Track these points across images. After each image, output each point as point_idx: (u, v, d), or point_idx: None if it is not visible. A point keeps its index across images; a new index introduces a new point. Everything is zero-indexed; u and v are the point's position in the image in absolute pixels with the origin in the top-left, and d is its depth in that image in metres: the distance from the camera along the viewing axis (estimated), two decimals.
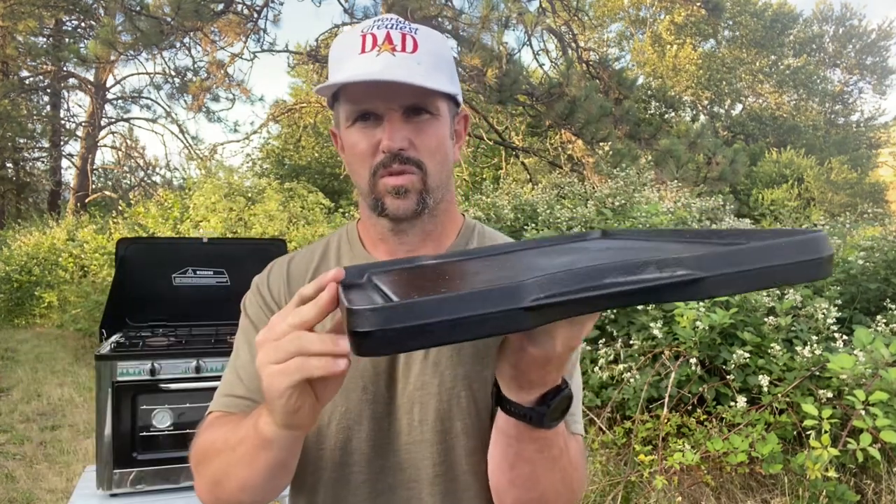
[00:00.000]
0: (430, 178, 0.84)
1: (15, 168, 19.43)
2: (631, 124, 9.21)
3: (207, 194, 8.32)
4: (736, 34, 25.17)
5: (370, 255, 0.93)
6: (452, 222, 0.95)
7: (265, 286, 0.96)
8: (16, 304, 10.20)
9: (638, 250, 0.69)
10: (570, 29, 10.75)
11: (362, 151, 0.83)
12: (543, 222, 5.59)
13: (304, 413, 0.64)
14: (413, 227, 0.88)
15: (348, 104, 0.84)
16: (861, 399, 2.67)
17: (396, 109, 0.81)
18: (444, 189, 0.88)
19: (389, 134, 0.80)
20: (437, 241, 0.92)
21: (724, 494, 3.17)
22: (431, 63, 0.82)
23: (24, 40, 15.16)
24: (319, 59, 9.87)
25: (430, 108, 0.83)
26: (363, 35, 0.81)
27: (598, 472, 3.33)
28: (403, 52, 0.80)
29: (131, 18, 7.42)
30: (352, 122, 0.84)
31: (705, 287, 0.50)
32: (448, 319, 0.49)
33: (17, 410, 5.26)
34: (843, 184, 18.18)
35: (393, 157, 0.81)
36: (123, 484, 1.95)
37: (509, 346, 0.66)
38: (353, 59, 0.81)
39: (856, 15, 28.34)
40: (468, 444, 0.86)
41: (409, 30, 0.82)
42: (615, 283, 0.51)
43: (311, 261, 0.96)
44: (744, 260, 0.51)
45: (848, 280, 4.17)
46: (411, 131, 0.82)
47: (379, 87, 0.77)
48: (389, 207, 0.83)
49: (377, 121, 0.82)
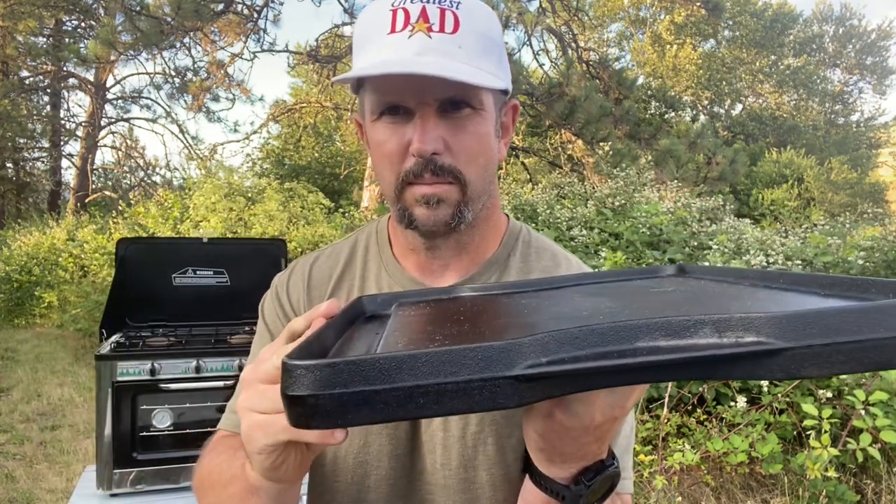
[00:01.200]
0: (470, 188, 0.71)
1: (15, 168, 19.42)
2: (631, 124, 9.21)
3: (207, 194, 8.32)
4: (736, 34, 25.17)
5: (399, 265, 0.82)
6: (494, 230, 0.82)
7: (284, 291, 0.86)
8: (16, 304, 10.19)
9: (710, 297, 0.53)
10: (570, 29, 10.75)
11: (390, 153, 0.70)
12: (543, 222, 5.59)
13: (287, 470, 0.54)
14: (447, 241, 0.77)
15: (375, 94, 0.71)
16: (861, 399, 2.67)
17: (431, 104, 0.68)
18: (486, 195, 0.76)
19: (421, 135, 0.67)
20: (476, 253, 0.80)
21: (724, 494, 3.17)
22: (476, 47, 0.67)
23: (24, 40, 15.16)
24: (319, 59, 9.86)
25: (472, 101, 0.69)
26: (394, 9, 0.67)
27: None
28: (442, 32, 0.66)
29: (131, 18, 7.42)
30: (378, 115, 0.71)
31: (783, 363, 0.36)
32: (404, 388, 0.36)
33: (17, 410, 5.25)
34: (843, 184, 18.17)
35: (425, 163, 0.69)
36: (123, 484, 1.95)
37: (534, 409, 0.53)
38: (380, 39, 0.67)
39: (856, 15, 28.36)
40: (495, 496, 0.75)
41: (450, 4, 0.67)
42: (648, 350, 0.37)
43: (335, 265, 0.85)
44: (849, 326, 0.35)
45: None
46: (447, 130, 0.69)
47: (409, 79, 0.65)
48: (419, 219, 0.72)
49: (407, 115, 0.69)
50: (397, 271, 0.82)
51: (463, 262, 0.80)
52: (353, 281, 0.84)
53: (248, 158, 17.03)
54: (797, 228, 6.02)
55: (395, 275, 0.82)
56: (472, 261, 0.80)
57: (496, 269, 0.81)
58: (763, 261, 4.09)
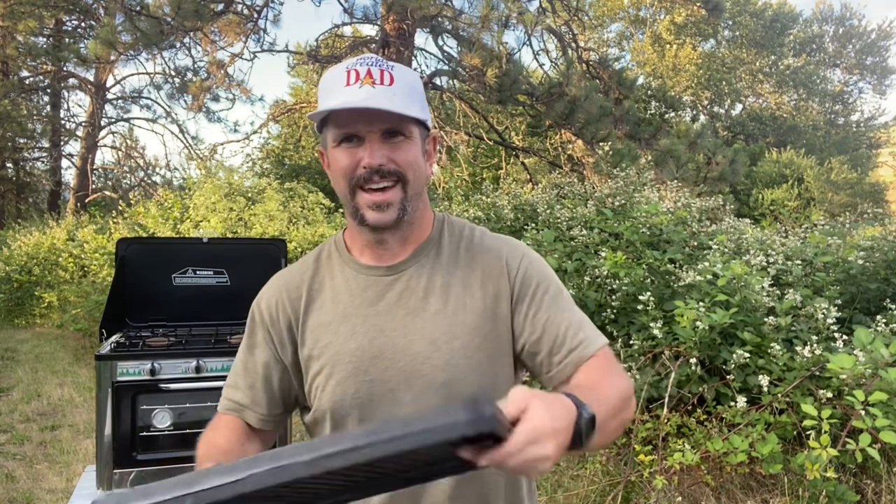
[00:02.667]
0: (410, 186, 0.97)
1: (15, 168, 19.42)
2: (631, 124, 9.21)
3: (207, 194, 8.32)
4: (736, 34, 25.17)
5: (357, 259, 1.06)
6: (427, 223, 1.08)
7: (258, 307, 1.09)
8: (16, 304, 10.19)
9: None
10: (570, 29, 10.75)
11: (345, 167, 0.96)
12: (543, 222, 5.58)
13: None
14: (393, 236, 1.02)
15: (335, 128, 0.97)
16: (860, 399, 2.67)
17: (376, 132, 0.95)
18: (420, 196, 1.02)
19: (370, 153, 0.94)
20: (415, 242, 1.06)
21: (724, 494, 3.17)
22: (405, 94, 0.95)
23: (24, 40, 15.16)
24: (319, 59, 9.86)
25: (404, 131, 0.96)
26: (348, 71, 0.95)
27: (598, 472, 3.33)
28: (382, 84, 0.94)
29: (131, 18, 7.42)
30: (337, 142, 0.97)
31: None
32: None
33: (17, 410, 5.25)
34: (843, 184, 18.17)
35: (373, 171, 0.94)
36: (123, 484, 1.95)
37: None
38: (339, 90, 0.94)
39: (856, 15, 28.32)
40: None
41: (387, 67, 0.96)
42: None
43: (306, 271, 1.08)
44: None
45: (848, 280, 4.16)
46: (389, 150, 0.95)
47: (361, 113, 0.92)
48: (370, 220, 0.97)
49: (359, 142, 0.95)
50: (355, 264, 1.06)
51: (406, 248, 1.05)
52: (322, 278, 1.07)
53: (248, 158, 17.06)
54: (797, 228, 6.01)
55: (354, 266, 1.06)
56: (413, 247, 1.05)
57: (433, 245, 1.07)
58: (763, 261, 4.09)
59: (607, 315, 4.13)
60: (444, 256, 1.05)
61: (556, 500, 3.21)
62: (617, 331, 4.08)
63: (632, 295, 4.03)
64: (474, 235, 1.10)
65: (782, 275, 4.21)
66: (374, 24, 9.58)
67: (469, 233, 1.10)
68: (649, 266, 4.26)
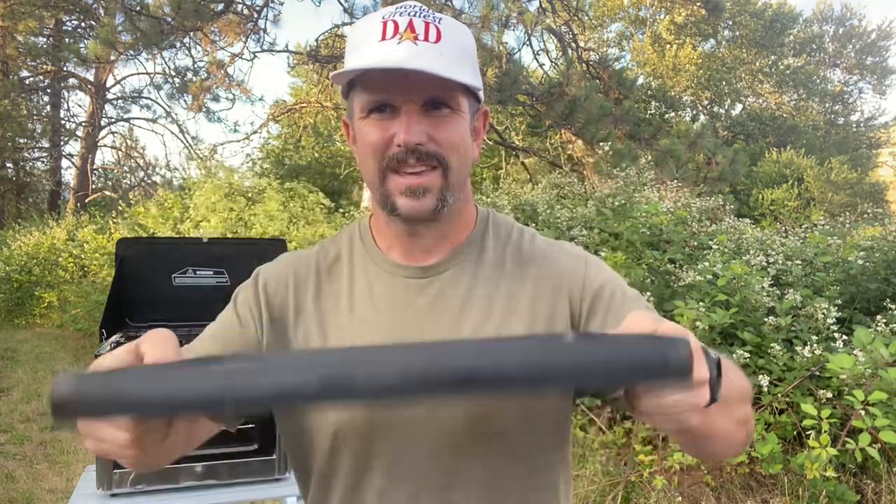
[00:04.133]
0: (452, 173, 0.79)
1: (15, 168, 19.43)
2: (631, 124, 9.21)
3: (207, 194, 8.32)
4: (736, 34, 25.17)
5: (386, 256, 0.88)
6: (468, 218, 0.90)
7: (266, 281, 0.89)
8: (16, 304, 10.19)
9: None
10: (570, 29, 10.75)
11: (375, 143, 0.78)
12: (543, 222, 5.59)
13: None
14: (428, 230, 0.84)
15: (364, 93, 0.79)
16: (860, 399, 2.67)
17: (415, 102, 0.77)
18: (464, 186, 0.85)
19: (407, 127, 0.76)
20: (454, 238, 0.88)
21: (724, 494, 3.17)
22: (455, 55, 0.77)
23: (24, 40, 15.16)
24: (319, 59, 9.86)
25: (451, 102, 0.78)
26: (384, 21, 0.76)
27: (598, 472, 3.33)
28: (426, 41, 0.75)
29: (131, 18, 7.43)
30: (366, 112, 0.79)
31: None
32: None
33: (17, 410, 5.25)
34: (843, 184, 18.16)
35: (409, 151, 0.76)
36: (123, 484, 1.94)
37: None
38: (372, 45, 0.76)
39: (856, 15, 28.31)
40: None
41: (433, 18, 0.77)
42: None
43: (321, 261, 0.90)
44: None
45: (848, 280, 4.16)
46: (430, 125, 0.77)
47: (399, 76, 0.73)
48: (402, 208, 0.79)
49: (394, 113, 0.77)
50: (381, 258, 0.88)
51: (442, 246, 0.87)
52: (340, 270, 0.89)
53: (248, 158, 17.05)
54: (797, 228, 6.01)
55: (379, 262, 0.88)
56: (450, 247, 0.87)
57: (475, 246, 0.89)
58: (763, 261, 4.09)
59: None
60: (488, 262, 0.87)
61: None
62: None
63: None
64: (523, 239, 0.91)
65: (782, 275, 4.21)
66: None
67: (518, 236, 0.91)
68: (649, 266, 4.26)
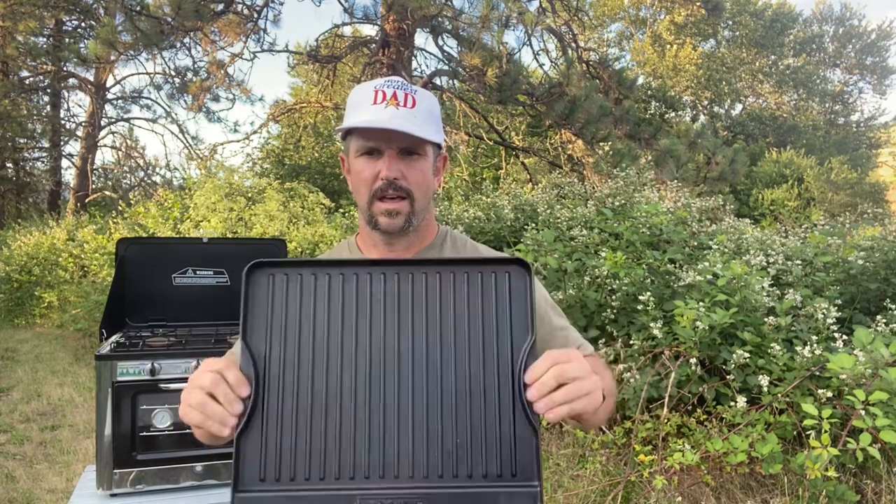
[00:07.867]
0: (416, 203, 1.12)
1: (15, 168, 19.41)
2: (631, 124, 9.20)
3: (207, 194, 8.31)
4: (736, 34, 25.17)
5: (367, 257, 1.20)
6: (431, 233, 1.25)
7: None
8: (16, 304, 10.19)
9: None
10: (570, 29, 10.74)
11: (366, 178, 1.11)
12: (543, 222, 5.58)
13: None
14: (400, 240, 1.17)
15: (360, 140, 1.11)
16: (861, 399, 2.67)
17: (394, 149, 1.09)
18: (426, 211, 1.18)
19: (388, 166, 1.08)
20: (419, 246, 1.22)
21: (724, 494, 3.17)
22: (424, 117, 1.10)
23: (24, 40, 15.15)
24: (319, 59, 9.86)
25: (419, 150, 1.11)
26: (376, 90, 1.10)
27: (598, 472, 3.33)
28: (405, 107, 1.08)
29: (131, 18, 7.42)
30: (360, 154, 1.11)
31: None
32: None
33: (17, 410, 5.25)
34: (843, 184, 18.17)
35: (389, 184, 1.09)
36: (123, 484, 1.94)
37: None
38: (366, 107, 1.09)
39: (856, 15, 28.31)
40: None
41: (411, 90, 1.10)
42: None
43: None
44: None
45: (848, 280, 4.16)
46: (404, 166, 1.09)
47: (384, 132, 1.06)
48: (382, 225, 1.12)
49: (378, 155, 1.10)
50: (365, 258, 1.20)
51: (410, 252, 1.20)
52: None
53: (248, 158, 17.01)
54: (797, 228, 6.01)
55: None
56: (416, 251, 1.21)
57: (434, 251, 1.22)
58: (763, 261, 4.09)
59: (607, 315, 4.13)
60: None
61: (556, 500, 3.21)
62: (617, 331, 4.08)
63: (632, 295, 4.02)
64: (477, 248, 1.26)
65: (782, 275, 4.21)
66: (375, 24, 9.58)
67: (472, 246, 1.27)
68: (649, 266, 4.25)
